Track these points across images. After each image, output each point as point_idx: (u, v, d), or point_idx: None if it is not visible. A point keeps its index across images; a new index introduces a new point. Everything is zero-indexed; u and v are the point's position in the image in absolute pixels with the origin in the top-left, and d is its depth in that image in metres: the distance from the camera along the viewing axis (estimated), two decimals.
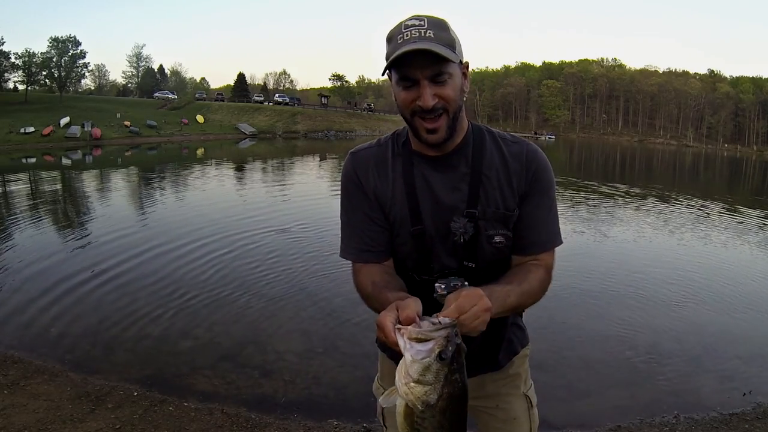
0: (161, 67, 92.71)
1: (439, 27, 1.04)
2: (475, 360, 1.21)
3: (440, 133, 1.09)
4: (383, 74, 1.11)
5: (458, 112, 1.10)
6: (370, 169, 1.20)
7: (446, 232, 1.15)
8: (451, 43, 1.05)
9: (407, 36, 1.02)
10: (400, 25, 1.06)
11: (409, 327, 0.89)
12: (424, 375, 0.87)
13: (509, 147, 1.19)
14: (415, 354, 0.86)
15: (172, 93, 66.58)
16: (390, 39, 1.07)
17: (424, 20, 1.04)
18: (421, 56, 1.01)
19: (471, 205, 1.14)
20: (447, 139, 1.11)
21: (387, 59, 1.06)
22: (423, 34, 1.02)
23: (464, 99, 1.12)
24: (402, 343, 0.88)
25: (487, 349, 1.30)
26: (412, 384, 0.87)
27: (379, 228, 1.20)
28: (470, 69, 1.16)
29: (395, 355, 1.35)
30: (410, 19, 1.05)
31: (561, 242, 1.22)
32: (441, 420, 0.90)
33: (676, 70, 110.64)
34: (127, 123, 37.90)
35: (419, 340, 0.87)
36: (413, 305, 0.91)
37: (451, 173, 1.16)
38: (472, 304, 0.92)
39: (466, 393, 0.91)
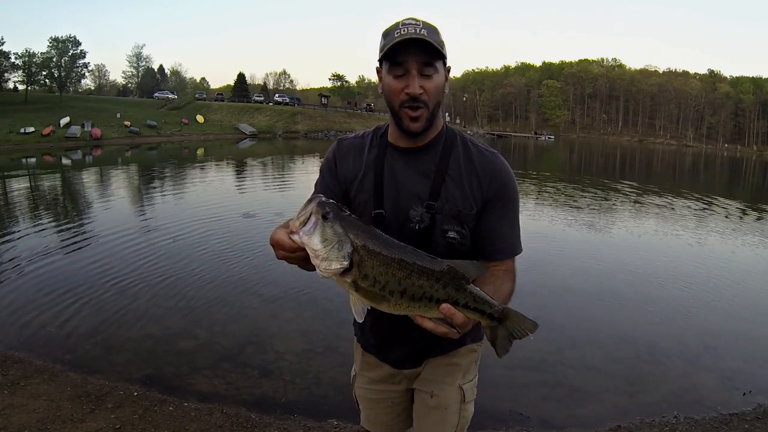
0: (161, 67, 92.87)
1: (432, 30, 1.17)
2: (420, 340, 1.33)
3: (421, 122, 1.19)
4: (378, 64, 1.22)
5: (437, 108, 1.22)
6: (348, 158, 1.33)
7: (404, 220, 1.24)
8: (441, 45, 1.17)
9: (404, 32, 1.14)
10: (397, 23, 1.18)
11: (291, 222, 0.99)
12: (325, 237, 0.94)
13: (479, 155, 1.27)
14: (306, 231, 0.95)
15: (172, 93, 66.52)
16: (386, 34, 1.18)
17: (419, 22, 1.17)
18: (414, 48, 1.13)
19: (431, 198, 1.23)
20: (426, 129, 1.21)
21: (382, 50, 1.17)
22: (418, 32, 1.13)
23: (443, 98, 1.23)
24: (297, 237, 0.96)
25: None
26: (323, 253, 0.94)
27: None
28: (470, 69, 1.26)
29: (367, 345, 1.46)
30: (407, 19, 1.18)
31: (521, 251, 1.31)
32: (379, 252, 0.97)
33: (676, 70, 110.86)
34: (127, 123, 37.85)
35: (303, 222, 0.96)
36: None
37: (417, 166, 1.26)
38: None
39: (369, 226, 1.02)
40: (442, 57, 1.17)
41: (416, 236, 1.23)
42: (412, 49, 1.13)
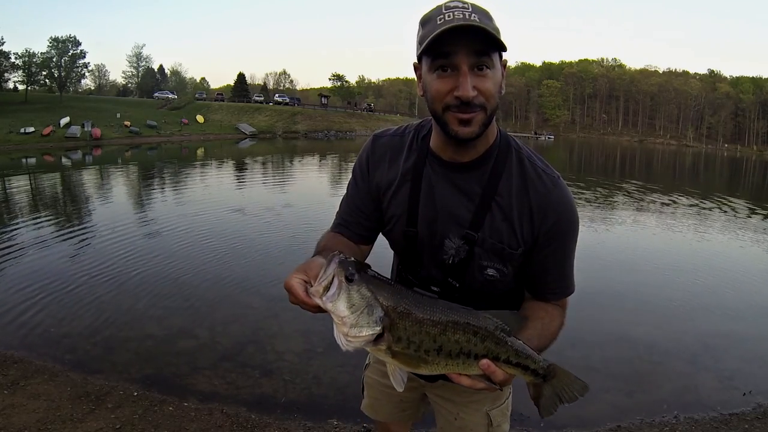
0: (161, 67, 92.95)
1: (485, 15, 0.94)
2: None
3: (473, 127, 0.97)
4: (417, 58, 1.00)
5: (495, 112, 1.00)
6: (383, 161, 1.16)
7: (438, 246, 1.09)
8: (497, 32, 0.94)
9: (449, 17, 0.91)
10: (439, 7, 0.95)
11: (312, 288, 0.88)
12: (352, 303, 0.85)
13: (535, 179, 1.06)
14: (330, 297, 0.85)
15: (172, 93, 66.59)
16: (426, 21, 0.95)
17: (467, 4, 0.94)
18: (464, 37, 0.90)
19: (472, 227, 1.06)
20: (478, 137, 1.00)
21: (421, 42, 0.94)
22: (467, 17, 0.90)
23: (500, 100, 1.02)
24: (321, 302, 0.87)
25: None
26: (352, 320, 0.85)
27: (364, 217, 1.20)
28: None
29: None
30: (451, 1, 0.95)
31: (574, 290, 1.15)
32: (410, 312, 0.88)
33: (676, 70, 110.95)
34: (127, 123, 37.88)
35: (326, 288, 0.86)
36: (318, 262, 0.90)
37: (461, 185, 1.07)
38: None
39: (396, 284, 0.93)
40: (500, 48, 0.95)
41: (448, 268, 1.10)
42: (461, 40, 0.90)
